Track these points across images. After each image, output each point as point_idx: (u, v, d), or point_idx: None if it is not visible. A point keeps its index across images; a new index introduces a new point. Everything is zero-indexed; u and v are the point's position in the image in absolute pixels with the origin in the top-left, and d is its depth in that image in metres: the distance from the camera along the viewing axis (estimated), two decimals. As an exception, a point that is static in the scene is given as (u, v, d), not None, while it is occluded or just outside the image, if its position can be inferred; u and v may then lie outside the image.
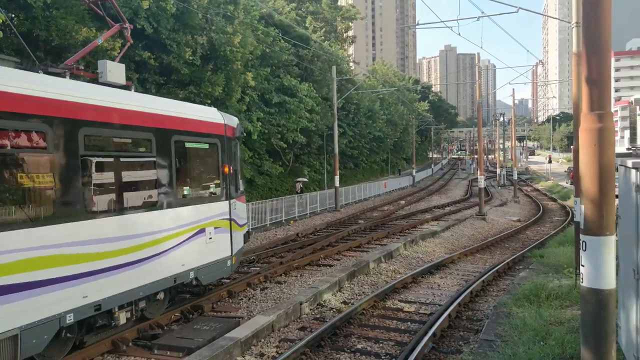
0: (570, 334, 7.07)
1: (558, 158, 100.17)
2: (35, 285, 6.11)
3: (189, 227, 9.04)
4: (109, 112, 7.39)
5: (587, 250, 4.45)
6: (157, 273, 8.24)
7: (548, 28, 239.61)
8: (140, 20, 18.78)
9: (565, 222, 25.30)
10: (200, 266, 9.34)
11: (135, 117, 7.91)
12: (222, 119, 10.22)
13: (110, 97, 7.55)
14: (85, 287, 6.85)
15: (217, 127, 9.96)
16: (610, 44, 4.47)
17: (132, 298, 7.83)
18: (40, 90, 6.30)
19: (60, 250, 6.47)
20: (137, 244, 7.81)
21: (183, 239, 8.87)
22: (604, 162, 4.37)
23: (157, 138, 8.31)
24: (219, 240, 9.93)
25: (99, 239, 7.08)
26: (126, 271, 7.57)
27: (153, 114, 8.30)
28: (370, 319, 9.50)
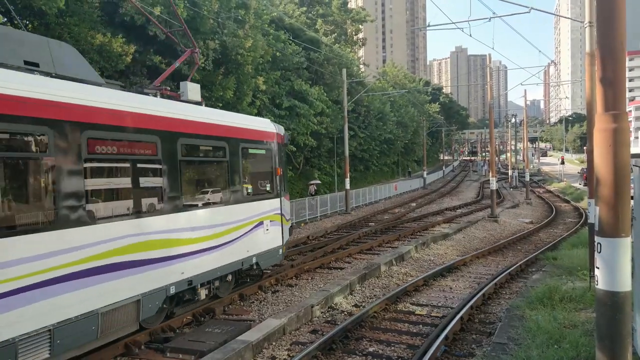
0: (585, 336, 6.99)
1: (571, 159, 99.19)
2: (153, 261, 7.86)
3: (252, 219, 10.74)
4: (196, 125, 9.04)
5: (602, 252, 4.39)
6: (230, 257, 9.94)
7: (560, 28, 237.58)
8: (152, 26, 18.96)
9: (578, 224, 25.01)
10: (260, 253, 11.01)
11: (215, 129, 9.63)
12: (274, 128, 11.93)
13: (196, 113, 9.23)
14: (182, 265, 8.54)
15: (271, 135, 11.68)
16: (625, 44, 4.42)
17: (212, 277, 9.48)
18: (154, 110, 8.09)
19: (169, 235, 8.23)
20: (218, 232, 9.51)
21: (248, 229, 10.55)
22: (618, 162, 4.32)
23: (229, 145, 10.00)
24: (273, 231, 11.62)
25: (192, 227, 8.82)
26: (209, 254, 9.27)
27: (226, 126, 10.01)
28: (382, 322, 9.46)
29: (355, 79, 44.01)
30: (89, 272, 6.67)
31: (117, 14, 18.91)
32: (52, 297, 6.13)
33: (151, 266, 7.81)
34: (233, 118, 10.67)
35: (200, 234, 9.02)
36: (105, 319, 6.94)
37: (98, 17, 18.38)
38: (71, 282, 6.41)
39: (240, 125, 10.55)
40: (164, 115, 8.24)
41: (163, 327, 8.67)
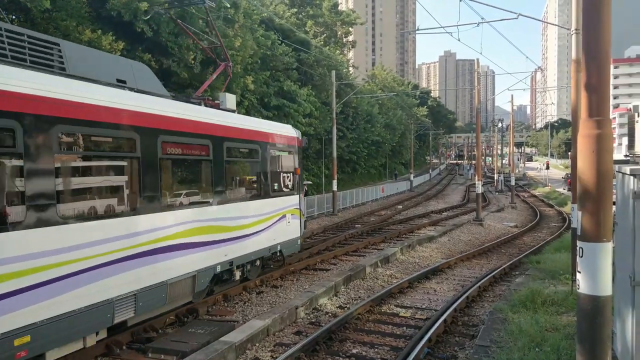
0: (566, 340, 7.05)
1: (556, 164, 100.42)
2: (206, 244, 9.31)
3: (278, 212, 12.29)
4: (236, 131, 10.55)
5: (583, 257, 4.43)
6: (261, 244, 11.46)
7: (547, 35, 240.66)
8: (140, 23, 18.79)
9: (562, 228, 25.30)
10: (283, 242, 12.61)
11: (251, 134, 11.23)
12: (295, 133, 13.64)
13: (236, 121, 10.77)
14: (226, 249, 9.99)
15: (293, 139, 13.35)
16: (610, 51, 4.47)
17: (246, 260, 10.97)
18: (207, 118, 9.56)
19: (217, 222, 9.70)
20: (252, 222, 11.07)
21: (274, 221, 12.09)
22: (601, 168, 4.36)
23: (261, 148, 11.53)
24: (293, 224, 13.24)
25: (234, 217, 10.28)
26: (246, 241, 10.78)
27: (259, 131, 11.61)
28: (366, 323, 9.46)
29: (344, 81, 44.10)
30: (163, 250, 8.16)
31: (104, 9, 18.70)
32: (137, 268, 7.58)
33: (205, 247, 9.30)
34: (264, 124, 12.49)
35: (240, 223, 10.59)
36: (172, 289, 8.38)
37: (86, 12, 18.18)
38: (150, 256, 7.89)
39: (269, 131, 12.24)
40: (214, 123, 9.74)
41: (145, 327, 8.58)
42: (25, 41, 6.66)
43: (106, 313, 7.03)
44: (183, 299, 9.23)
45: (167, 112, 8.41)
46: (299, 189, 13.64)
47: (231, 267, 10.32)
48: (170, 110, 8.54)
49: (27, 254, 5.89)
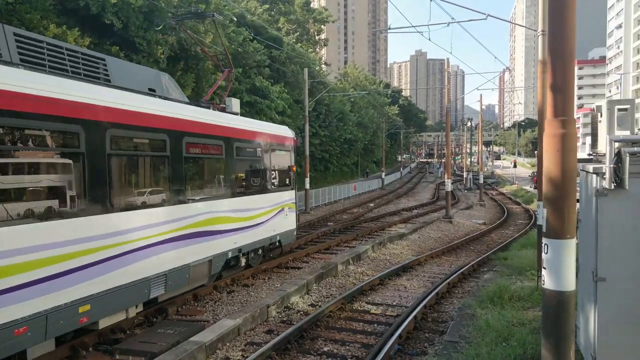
0: (532, 334, 7.22)
1: (523, 162, 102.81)
2: (220, 232, 10.57)
3: (277, 206, 13.52)
4: (243, 133, 11.83)
5: (548, 253, 4.54)
6: (263, 233, 12.74)
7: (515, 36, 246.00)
8: (108, 14, 18.33)
9: (528, 225, 25.92)
10: (281, 232, 13.87)
11: (255, 135, 12.53)
12: (291, 133, 14.96)
13: (242, 123, 12.02)
14: (236, 237, 11.28)
15: (289, 139, 14.62)
16: (574, 53, 4.57)
17: (251, 248, 12.29)
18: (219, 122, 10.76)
19: (229, 214, 10.95)
20: (257, 214, 12.30)
21: (274, 213, 13.32)
22: (566, 167, 4.47)
23: (263, 147, 12.80)
24: (290, 216, 14.46)
25: (242, 209, 11.56)
26: (251, 230, 12.04)
27: (262, 132, 12.90)
28: (337, 321, 9.49)
29: (317, 79, 44.07)
30: (188, 236, 9.40)
31: (70, 2, 18.16)
32: (168, 252, 8.82)
33: (219, 235, 10.56)
34: (265, 126, 13.90)
35: (246, 214, 11.81)
36: (193, 271, 9.58)
37: (51, 5, 17.62)
38: (178, 242, 9.12)
39: (270, 132, 13.49)
40: (226, 125, 10.97)
41: (112, 328, 8.39)
42: (80, 57, 7.83)
43: (144, 289, 8.26)
44: (201, 281, 10.48)
45: (189, 117, 9.67)
46: (294, 184, 15.04)
47: (239, 253, 11.69)
48: (192, 115, 9.81)
49: (89, 237, 7.11)
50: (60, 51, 7.44)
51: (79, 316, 6.91)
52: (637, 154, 4.87)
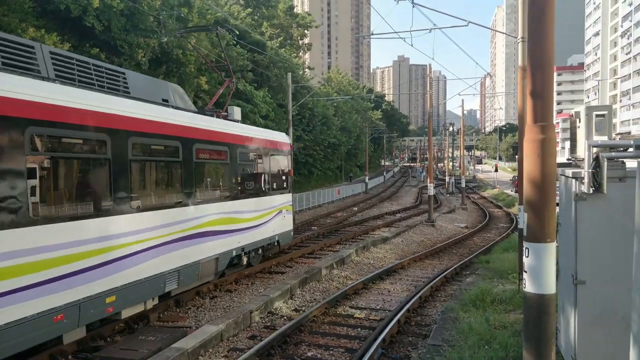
0: (514, 337, 7.30)
1: (504, 167, 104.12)
2: (226, 232, 11.31)
3: (276, 208, 14.31)
4: (246, 139, 12.71)
5: (529, 257, 4.59)
6: (264, 234, 13.54)
7: (496, 42, 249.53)
8: (90, 18, 18.10)
9: (509, 228, 26.21)
10: (280, 233, 14.70)
11: (257, 141, 13.32)
12: (288, 139, 16.12)
13: (245, 131, 12.94)
14: (239, 237, 11.99)
15: (286, 145, 15.62)
16: (553, 59, 4.65)
17: (253, 247, 13.04)
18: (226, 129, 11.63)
19: (233, 215, 11.70)
20: (258, 215, 13.07)
21: (273, 214, 14.12)
22: (546, 171, 4.53)
23: (264, 152, 13.64)
24: (287, 218, 15.31)
25: (245, 210, 12.33)
26: (253, 231, 12.84)
27: (263, 139, 13.78)
28: (321, 326, 9.47)
29: (300, 83, 44.10)
30: (199, 235, 10.18)
31: (50, 4, 17.89)
32: (181, 249, 9.55)
33: (225, 235, 11.30)
34: (265, 132, 14.75)
35: (249, 215, 12.58)
36: (202, 268, 10.33)
37: (30, 7, 17.35)
38: (190, 240, 9.87)
39: (269, 138, 14.43)
40: (230, 132, 11.79)
41: (92, 335, 8.25)
42: (104, 71, 8.52)
43: (160, 283, 8.98)
44: (208, 277, 11.18)
45: (198, 125, 10.38)
46: (291, 188, 15.95)
47: (242, 252, 12.46)
48: (200, 123, 10.52)
49: (115, 234, 7.85)
50: (87, 66, 8.19)
51: (106, 306, 7.69)
52: (615, 159, 4.97)
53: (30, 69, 7.04)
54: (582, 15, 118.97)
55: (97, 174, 7.74)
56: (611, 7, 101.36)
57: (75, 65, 7.93)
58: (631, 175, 4.87)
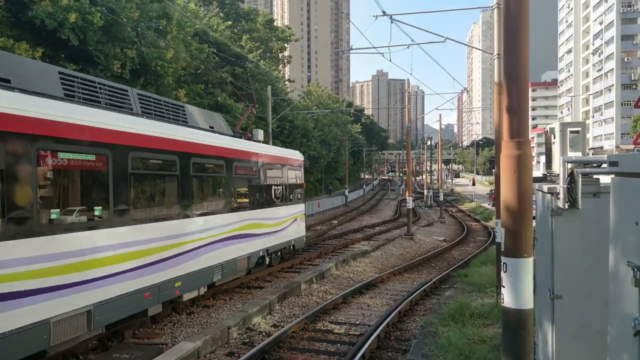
0: (492, 351, 7.31)
1: (481, 180, 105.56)
2: (255, 235, 13.42)
3: (292, 216, 16.65)
4: (270, 157, 15.12)
5: (507, 272, 4.62)
6: (284, 237, 15.81)
7: (472, 58, 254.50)
8: (65, 31, 17.83)
9: (487, 242, 26.47)
10: (295, 238, 16.99)
11: (277, 158, 15.86)
12: (301, 157, 18.58)
13: (269, 150, 15.60)
14: (265, 240, 14.13)
15: (300, 162, 18.17)
16: (528, 76, 4.73)
17: (274, 250, 15.11)
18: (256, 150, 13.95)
19: (261, 221, 13.86)
20: (279, 222, 15.37)
21: (290, 221, 16.41)
22: (522, 187, 4.58)
23: (283, 168, 16.15)
24: (301, 225, 17.67)
25: (269, 217, 14.57)
26: (275, 235, 15.00)
27: (283, 157, 16.54)
28: (300, 341, 9.35)
29: (280, 96, 44.14)
30: (236, 237, 12.28)
31: (24, 15, 17.59)
32: (223, 248, 11.58)
33: (255, 237, 13.41)
34: (283, 151, 17.71)
35: (272, 222, 14.74)
36: (238, 264, 12.44)
37: (3, 17, 17.03)
38: (230, 241, 11.92)
39: (287, 156, 17.11)
40: (257, 152, 14.04)
41: (64, 353, 7.99)
42: (170, 106, 10.68)
43: (210, 274, 11.01)
44: (241, 273, 13.21)
45: (235, 147, 12.62)
46: (303, 199, 18.40)
47: (266, 253, 14.46)
48: (236, 145, 12.78)
49: (184, 234, 10.02)
50: (159, 102, 10.34)
51: (175, 289, 9.68)
52: (589, 174, 5.05)
53: (124, 107, 9.14)
54: (555, 32, 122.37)
55: (170, 186, 9.87)
56: (583, 25, 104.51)
57: (153, 103, 10.13)
58: (605, 190, 4.95)
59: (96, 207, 7.80)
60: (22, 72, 7.20)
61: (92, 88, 8.49)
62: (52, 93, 7.51)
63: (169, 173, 9.78)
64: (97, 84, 8.69)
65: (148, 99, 9.99)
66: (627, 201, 3.32)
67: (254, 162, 13.69)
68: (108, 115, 8.24)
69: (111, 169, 8.08)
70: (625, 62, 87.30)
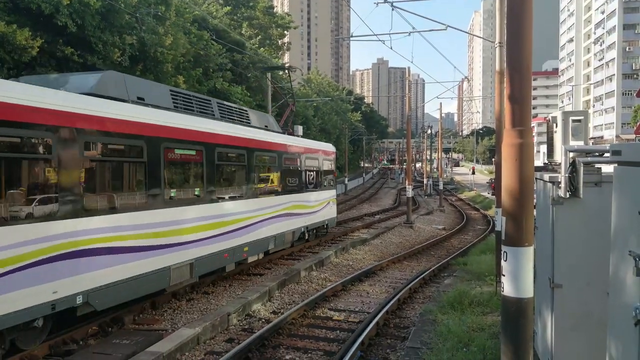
0: (491, 339, 7.36)
1: (481, 169, 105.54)
2: (299, 214, 16.39)
3: (326, 200, 19.43)
4: (309, 150, 17.83)
5: (507, 260, 4.61)
6: (319, 218, 18.58)
7: (473, 46, 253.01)
8: (62, 17, 17.64)
9: (486, 230, 26.56)
10: (328, 219, 19.86)
11: (314, 150, 18.60)
12: (333, 148, 21.63)
13: (308, 144, 18.49)
14: (305, 218, 16.90)
15: (332, 152, 21.10)
16: (531, 64, 4.68)
17: (311, 227, 17.85)
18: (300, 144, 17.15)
19: (304, 202, 16.88)
20: (317, 204, 18.20)
21: (324, 204, 19.18)
22: (523, 176, 4.56)
23: (319, 159, 18.91)
24: (332, 208, 20.55)
25: (310, 200, 17.44)
26: (313, 215, 17.82)
27: (316, 148, 19.24)
28: (300, 328, 9.40)
29: (279, 84, 43.89)
30: (285, 215, 15.17)
31: (21, 1, 17.40)
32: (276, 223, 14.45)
33: (297, 216, 16.23)
34: (319, 144, 20.81)
35: (311, 204, 17.59)
36: (286, 236, 15.39)
37: (1, 3, 16.85)
38: (280, 217, 14.80)
39: (322, 148, 20.12)
40: (300, 145, 17.13)
41: (64, 339, 8.04)
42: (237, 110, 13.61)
43: (266, 244, 13.93)
44: (287, 245, 16.08)
45: (283, 142, 15.43)
46: (335, 185, 21.74)
47: (306, 230, 17.21)
48: (285, 141, 15.64)
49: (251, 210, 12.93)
50: (231, 108, 13.15)
51: (243, 252, 12.51)
52: (591, 164, 5.03)
53: (208, 113, 11.71)
54: (556, 21, 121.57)
55: (243, 173, 12.82)
56: (585, 15, 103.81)
57: (226, 108, 12.83)
58: (607, 180, 4.94)
59: (196, 189, 10.74)
60: (150, 91, 9.98)
61: (187, 99, 11.12)
62: (166, 106, 10.18)
63: (240, 164, 12.68)
64: (192, 96, 11.44)
65: (223, 105, 12.81)
66: (629, 190, 3.31)
67: (297, 154, 16.52)
68: (201, 121, 10.94)
69: (205, 160, 10.79)
70: (626, 51, 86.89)
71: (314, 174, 18.12)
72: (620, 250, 3.39)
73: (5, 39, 15.65)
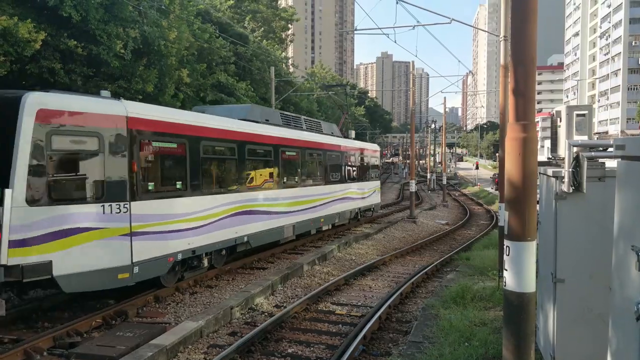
0: (493, 334, 7.36)
1: (485, 164, 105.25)
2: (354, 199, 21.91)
3: (372, 188, 24.35)
4: (362, 149, 23.45)
5: (510, 255, 4.61)
6: (366, 202, 23.49)
7: (478, 40, 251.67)
8: (67, 8, 17.62)
9: (490, 225, 26.52)
10: (374, 204, 24.91)
11: (364, 149, 23.82)
12: (378, 147, 26.84)
13: (362, 145, 24.09)
14: (358, 202, 22.30)
15: (377, 150, 26.08)
16: (536, 58, 4.67)
17: (362, 210, 23.15)
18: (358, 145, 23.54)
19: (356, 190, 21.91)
20: (365, 191, 23.15)
21: (371, 192, 24.12)
22: (527, 170, 4.55)
23: (367, 155, 23.97)
24: (377, 195, 25.48)
25: (360, 188, 22.43)
26: (363, 200, 22.92)
27: (366, 148, 24.35)
28: (302, 322, 9.43)
29: (283, 77, 43.82)
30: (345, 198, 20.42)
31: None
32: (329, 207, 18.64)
33: (352, 200, 21.19)
34: (367, 144, 25.38)
35: (362, 191, 22.42)
36: (346, 214, 20.63)
37: (5, -6, 16.82)
38: (344, 199, 20.21)
39: (369, 147, 24.98)
40: (354, 146, 22.29)
41: (68, 331, 8.09)
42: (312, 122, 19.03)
43: (334, 218, 19.10)
44: (345, 221, 20.85)
45: (344, 144, 20.77)
46: (379, 177, 26.85)
47: (358, 211, 22.24)
48: (345, 143, 20.91)
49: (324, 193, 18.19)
50: (310, 121, 18.51)
51: (320, 223, 17.64)
52: (595, 158, 5.01)
53: (298, 126, 17.10)
54: (562, 15, 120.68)
55: (316, 167, 17.79)
56: (591, 8, 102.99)
57: (308, 122, 18.23)
58: (610, 175, 4.92)
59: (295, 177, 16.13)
60: (271, 115, 15.61)
61: (288, 117, 16.64)
62: (278, 123, 15.52)
63: (318, 160, 17.87)
64: (290, 115, 17.00)
65: (309, 119, 18.51)
66: (633, 185, 3.29)
67: (352, 153, 21.50)
68: (297, 133, 16.33)
69: (300, 158, 16.18)
70: (632, 45, 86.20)
71: (365, 168, 23.12)
72: (623, 245, 3.38)
73: (8, 31, 15.63)
